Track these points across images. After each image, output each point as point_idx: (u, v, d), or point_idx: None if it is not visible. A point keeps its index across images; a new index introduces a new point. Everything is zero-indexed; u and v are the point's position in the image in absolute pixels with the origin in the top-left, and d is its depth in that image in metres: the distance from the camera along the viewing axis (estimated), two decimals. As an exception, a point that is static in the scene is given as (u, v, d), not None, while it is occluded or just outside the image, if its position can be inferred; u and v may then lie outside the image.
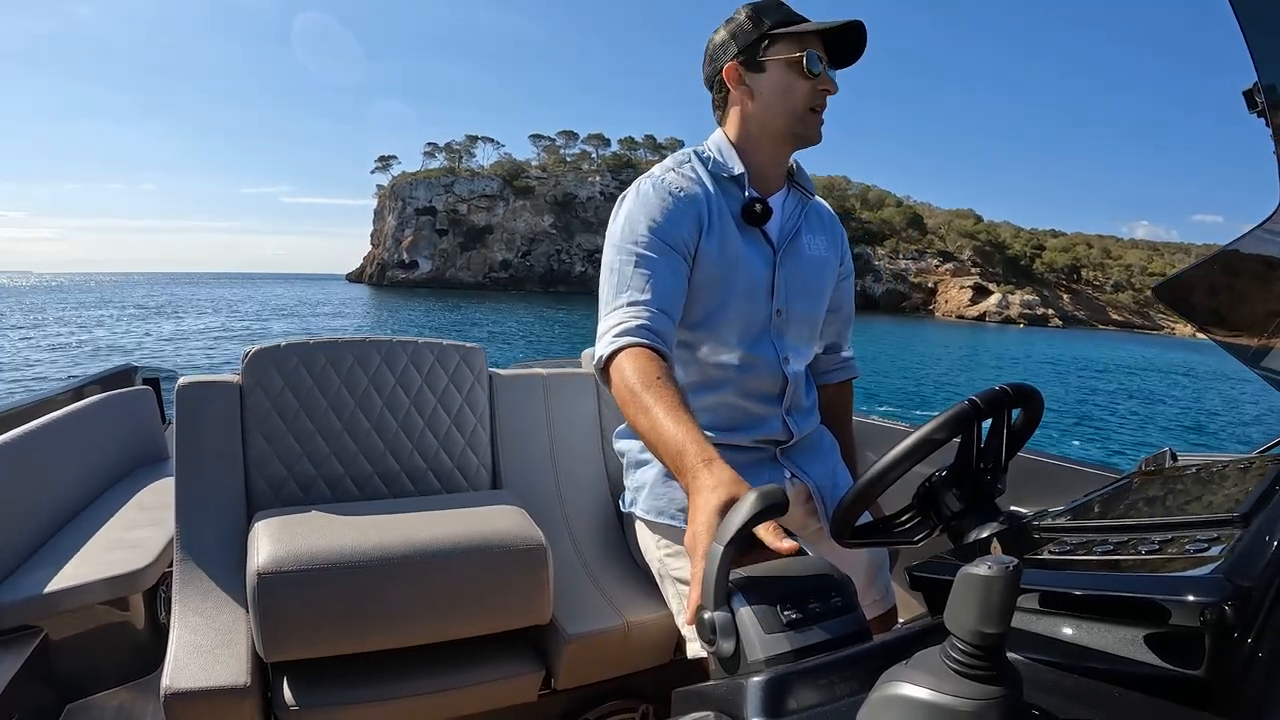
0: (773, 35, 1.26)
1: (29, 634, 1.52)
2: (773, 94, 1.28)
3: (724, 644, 0.65)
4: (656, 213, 1.24)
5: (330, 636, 1.29)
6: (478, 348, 1.87)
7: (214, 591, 1.44)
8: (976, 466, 0.95)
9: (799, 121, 1.29)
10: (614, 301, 1.19)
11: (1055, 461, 1.74)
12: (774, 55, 1.27)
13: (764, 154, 1.34)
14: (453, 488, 1.78)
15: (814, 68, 1.26)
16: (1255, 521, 0.68)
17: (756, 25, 1.27)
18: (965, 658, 0.47)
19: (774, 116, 1.29)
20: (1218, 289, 1.41)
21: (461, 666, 1.41)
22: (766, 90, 1.29)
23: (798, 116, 1.28)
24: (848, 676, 0.59)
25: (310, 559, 1.27)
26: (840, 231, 1.51)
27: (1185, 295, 1.48)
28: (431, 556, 1.34)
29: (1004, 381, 0.96)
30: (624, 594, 1.60)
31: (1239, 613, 0.51)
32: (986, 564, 0.46)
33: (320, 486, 1.65)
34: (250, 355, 1.65)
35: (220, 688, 1.24)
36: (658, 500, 1.38)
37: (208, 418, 1.59)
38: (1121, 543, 0.71)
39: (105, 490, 2.23)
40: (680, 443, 0.92)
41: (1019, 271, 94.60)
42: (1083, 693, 0.57)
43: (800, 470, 1.39)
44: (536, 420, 1.90)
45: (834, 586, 0.70)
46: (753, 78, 1.29)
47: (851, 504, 0.97)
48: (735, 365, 1.33)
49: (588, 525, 1.82)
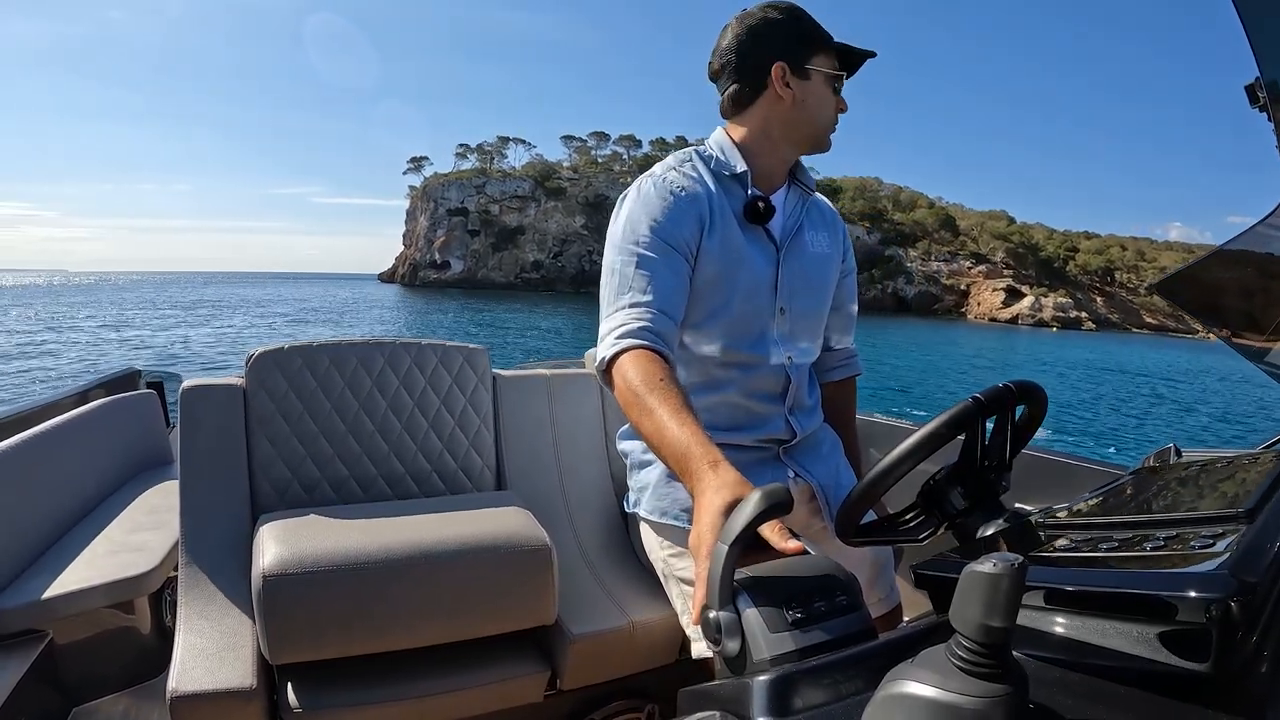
0: (819, 46, 1.30)
1: (34, 638, 1.52)
2: (814, 103, 1.31)
3: (729, 643, 0.65)
4: (658, 212, 1.24)
5: (336, 638, 1.29)
6: (481, 349, 1.87)
7: (219, 594, 1.44)
8: (981, 464, 0.95)
9: (826, 132, 1.34)
10: (615, 303, 1.19)
11: (1060, 458, 1.74)
12: (817, 66, 1.29)
13: (776, 155, 1.35)
14: (457, 489, 1.78)
15: (839, 83, 1.32)
16: (1260, 517, 0.68)
17: (806, 30, 1.30)
18: (971, 656, 0.47)
19: (807, 124, 1.32)
20: (1219, 285, 1.41)
21: (467, 667, 1.42)
22: (807, 98, 1.30)
23: (826, 128, 1.34)
24: (853, 675, 0.59)
25: (315, 561, 1.27)
26: (842, 227, 1.51)
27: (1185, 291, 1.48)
28: (436, 558, 1.34)
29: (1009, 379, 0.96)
30: (629, 594, 1.60)
31: (1245, 608, 0.51)
32: (992, 561, 0.45)
33: (325, 489, 1.66)
34: (254, 358, 1.65)
35: (226, 690, 1.24)
36: (661, 501, 1.37)
37: (212, 421, 1.60)
38: (1126, 539, 0.71)
39: (110, 494, 2.24)
40: (685, 445, 0.92)
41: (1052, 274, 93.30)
42: (1088, 689, 0.57)
43: (803, 469, 1.39)
44: (540, 421, 1.90)
45: (839, 585, 0.70)
46: (797, 83, 1.30)
47: (856, 502, 0.97)
48: (738, 364, 1.33)
49: (592, 526, 1.82)
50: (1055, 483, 1.68)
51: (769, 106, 1.31)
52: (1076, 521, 0.89)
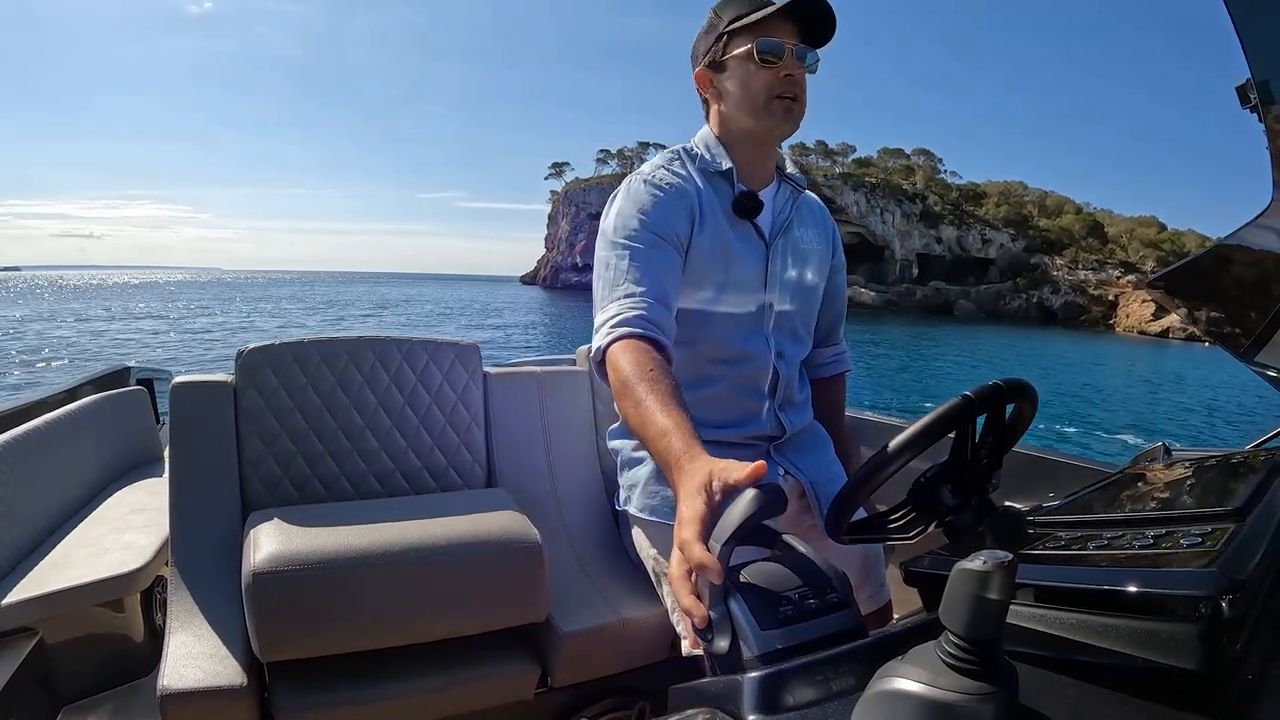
0: (730, 32, 1.26)
1: (24, 636, 1.51)
2: (735, 91, 1.29)
3: (719, 641, 0.65)
4: (648, 207, 1.24)
5: (326, 636, 1.29)
6: (472, 345, 1.87)
7: (210, 592, 1.44)
8: (971, 462, 0.95)
9: (763, 112, 1.27)
10: (610, 295, 1.18)
11: (1050, 456, 1.74)
12: (732, 51, 1.27)
13: (745, 150, 1.35)
14: (448, 486, 1.78)
15: (770, 53, 1.23)
16: (1250, 516, 0.68)
17: (713, 26, 1.29)
18: (960, 653, 0.47)
19: (740, 113, 1.30)
20: (1214, 283, 1.41)
21: (458, 664, 1.41)
22: (729, 88, 1.29)
23: (760, 108, 1.27)
24: (843, 672, 0.59)
25: (306, 558, 1.27)
26: (831, 225, 1.51)
27: (1181, 289, 1.48)
28: (427, 555, 1.33)
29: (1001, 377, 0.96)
30: (619, 591, 1.60)
31: (1234, 606, 0.51)
32: (982, 559, 0.45)
33: (315, 486, 1.65)
34: (244, 354, 1.64)
35: (217, 688, 1.24)
36: (651, 498, 1.37)
37: (202, 418, 1.59)
38: (1117, 537, 0.71)
39: (100, 491, 2.22)
40: (667, 438, 0.91)
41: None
42: (1077, 687, 0.57)
43: (793, 466, 1.39)
44: (531, 418, 1.90)
45: (829, 582, 0.70)
46: (718, 79, 1.30)
47: (846, 500, 0.97)
48: (727, 360, 1.33)
49: (583, 523, 1.82)
50: (1046, 481, 1.68)
51: (714, 107, 1.35)
52: (1066, 519, 0.89)
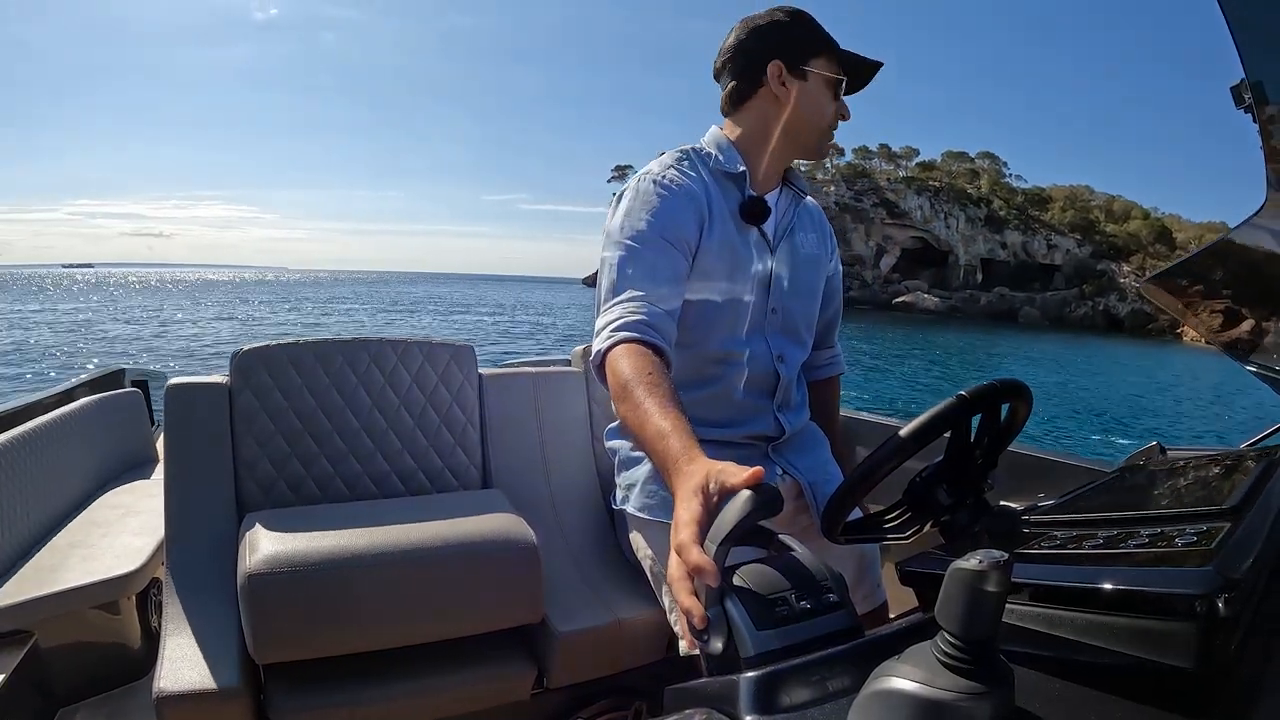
0: (820, 49, 1.28)
1: (18, 640, 1.50)
2: (808, 105, 1.29)
3: (715, 641, 0.65)
4: (657, 208, 1.23)
5: (322, 637, 1.28)
6: (467, 346, 1.87)
7: (205, 594, 1.43)
8: (967, 462, 0.95)
9: (822, 136, 1.32)
10: (612, 297, 1.18)
11: (1045, 456, 1.74)
12: (816, 68, 1.28)
13: (771, 156, 1.34)
14: (443, 487, 1.77)
15: (842, 93, 1.30)
16: (1245, 514, 0.68)
17: (806, 32, 1.29)
18: (956, 652, 0.47)
19: (802, 126, 1.31)
20: (1208, 284, 1.41)
21: (454, 666, 1.41)
22: (803, 99, 1.29)
23: (822, 132, 1.32)
24: (839, 672, 0.59)
25: (301, 560, 1.26)
26: (828, 229, 1.52)
27: (1174, 291, 1.48)
28: (422, 556, 1.33)
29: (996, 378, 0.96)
30: (615, 592, 1.60)
31: (1230, 605, 0.51)
32: (977, 558, 0.45)
33: (310, 487, 1.65)
34: (239, 356, 1.64)
35: (212, 690, 1.23)
36: (649, 498, 1.37)
37: (197, 419, 1.58)
38: (1112, 536, 0.71)
39: (95, 493, 2.21)
40: (665, 440, 0.90)
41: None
42: (1074, 686, 0.57)
43: (791, 466, 1.39)
44: (526, 419, 1.90)
45: (825, 583, 0.70)
46: (793, 82, 1.29)
47: (842, 500, 0.97)
48: (729, 362, 1.33)
49: (578, 523, 1.82)
50: (1040, 481, 1.68)
51: (765, 104, 1.31)
52: (1062, 519, 0.90)
